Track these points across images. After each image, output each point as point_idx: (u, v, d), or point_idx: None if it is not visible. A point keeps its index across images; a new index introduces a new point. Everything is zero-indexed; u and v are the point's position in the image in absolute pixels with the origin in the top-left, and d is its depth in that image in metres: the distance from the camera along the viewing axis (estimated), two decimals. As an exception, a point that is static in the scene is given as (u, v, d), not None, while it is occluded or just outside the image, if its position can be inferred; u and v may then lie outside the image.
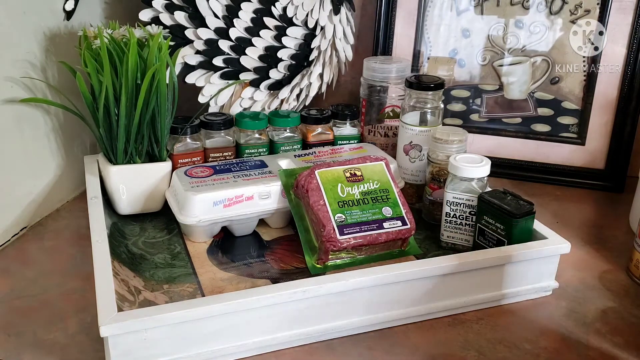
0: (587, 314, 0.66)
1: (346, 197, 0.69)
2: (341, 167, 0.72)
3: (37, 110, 0.80)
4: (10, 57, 0.76)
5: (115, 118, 0.76)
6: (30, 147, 0.80)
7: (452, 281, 0.64)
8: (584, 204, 0.92)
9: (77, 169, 0.88)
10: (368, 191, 0.71)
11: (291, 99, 0.96)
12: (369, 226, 0.68)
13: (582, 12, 0.93)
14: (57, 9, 0.84)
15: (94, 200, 0.74)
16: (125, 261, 0.68)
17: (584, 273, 0.73)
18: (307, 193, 0.69)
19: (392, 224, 0.69)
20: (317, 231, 0.68)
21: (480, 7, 0.97)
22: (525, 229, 0.68)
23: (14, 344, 0.59)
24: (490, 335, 0.62)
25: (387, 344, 0.61)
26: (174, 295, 0.64)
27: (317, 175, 0.70)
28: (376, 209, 0.69)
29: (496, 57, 0.98)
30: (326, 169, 0.71)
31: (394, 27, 1.00)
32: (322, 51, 0.93)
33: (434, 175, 0.78)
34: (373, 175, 0.72)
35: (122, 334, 0.52)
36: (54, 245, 0.77)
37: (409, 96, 0.83)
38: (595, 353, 0.60)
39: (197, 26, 0.90)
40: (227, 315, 0.56)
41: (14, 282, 0.69)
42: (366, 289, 0.60)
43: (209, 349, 0.57)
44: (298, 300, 0.58)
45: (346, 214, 0.68)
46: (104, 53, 0.72)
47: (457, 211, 0.73)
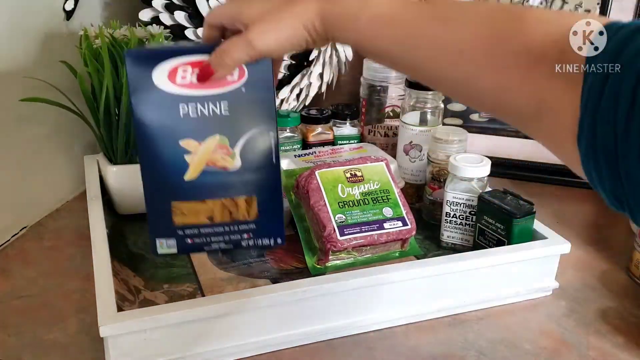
0: (587, 314, 0.66)
1: (346, 197, 0.69)
2: (341, 167, 0.72)
3: (37, 110, 0.80)
4: (11, 57, 0.76)
5: (116, 118, 0.76)
6: (30, 147, 0.80)
7: (452, 281, 0.64)
8: (584, 204, 0.92)
9: (77, 169, 0.88)
10: (368, 192, 0.71)
11: (291, 99, 0.96)
12: (370, 226, 0.68)
13: (582, 12, 0.93)
14: (57, 9, 0.84)
15: (94, 200, 0.74)
16: (125, 261, 0.68)
17: (584, 273, 0.73)
18: (307, 194, 0.69)
19: (392, 225, 0.69)
20: (318, 232, 0.68)
21: (480, 7, 0.97)
22: (525, 229, 0.68)
23: (14, 344, 0.59)
24: (490, 335, 0.62)
25: (387, 344, 0.61)
26: (173, 295, 0.64)
27: (318, 175, 0.70)
28: (376, 209, 0.69)
29: (496, 57, 0.98)
30: (326, 169, 0.71)
31: (394, 27, 1.00)
32: (322, 51, 0.93)
33: (434, 175, 0.78)
34: (373, 175, 0.72)
35: (122, 334, 0.52)
36: (54, 245, 0.77)
37: (409, 96, 0.83)
38: (595, 353, 0.60)
39: (197, 26, 0.90)
40: (227, 315, 0.56)
41: (14, 282, 0.69)
42: (366, 289, 0.60)
43: (209, 349, 0.57)
44: (298, 300, 0.58)
45: (346, 214, 0.68)
46: (105, 53, 0.72)
47: (457, 211, 0.73)
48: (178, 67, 0.53)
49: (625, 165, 0.32)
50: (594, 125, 0.33)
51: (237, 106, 0.54)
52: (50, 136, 0.84)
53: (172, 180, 0.56)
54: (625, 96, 0.31)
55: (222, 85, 0.53)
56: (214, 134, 0.55)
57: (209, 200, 0.57)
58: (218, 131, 0.54)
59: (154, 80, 0.53)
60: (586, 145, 0.34)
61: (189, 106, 0.53)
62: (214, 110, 0.54)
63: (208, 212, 0.57)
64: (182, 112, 0.54)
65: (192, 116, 0.54)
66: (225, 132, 0.55)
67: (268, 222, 0.58)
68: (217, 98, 0.54)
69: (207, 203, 0.57)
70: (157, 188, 0.56)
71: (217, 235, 0.58)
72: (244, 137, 0.55)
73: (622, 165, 0.32)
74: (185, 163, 0.55)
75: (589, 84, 0.34)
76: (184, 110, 0.54)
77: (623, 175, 0.32)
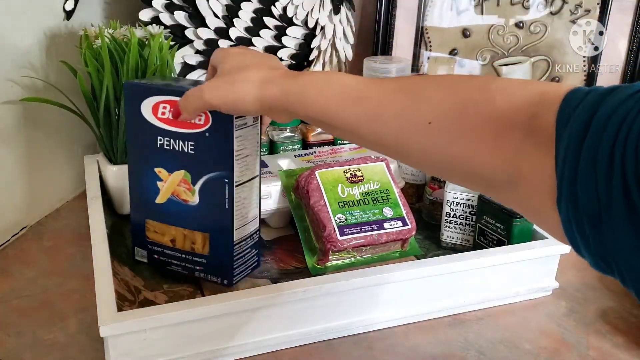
0: (587, 314, 0.66)
1: (346, 197, 0.69)
2: (341, 167, 0.72)
3: (37, 110, 0.80)
4: (11, 57, 0.76)
5: (116, 118, 0.76)
6: (30, 146, 0.80)
7: (452, 281, 0.64)
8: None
9: (77, 169, 0.88)
10: (368, 192, 0.71)
11: (291, 99, 0.96)
12: (370, 226, 0.68)
13: (582, 12, 0.93)
14: (57, 8, 0.84)
15: (94, 200, 0.74)
16: (125, 261, 0.68)
17: (584, 273, 0.73)
18: (307, 193, 0.69)
19: (392, 225, 0.69)
20: (318, 232, 0.68)
21: (480, 6, 0.97)
22: (525, 229, 0.68)
23: (14, 344, 0.59)
24: (490, 335, 0.62)
25: (387, 344, 0.61)
26: (174, 295, 0.64)
27: (318, 175, 0.70)
28: (377, 209, 0.69)
29: (496, 57, 0.98)
30: (326, 169, 0.71)
31: (394, 27, 1.00)
32: (322, 51, 0.93)
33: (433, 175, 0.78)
34: (373, 175, 0.72)
35: (122, 334, 0.52)
36: (54, 245, 0.77)
37: (409, 96, 0.83)
38: (595, 353, 0.60)
39: (197, 26, 0.90)
40: (227, 315, 0.56)
41: (14, 282, 0.69)
42: (366, 289, 0.60)
43: (209, 349, 0.57)
44: (298, 300, 0.58)
45: (346, 214, 0.68)
46: (105, 53, 0.72)
47: (457, 211, 0.73)
48: (160, 103, 0.59)
49: (611, 229, 0.31)
50: (574, 189, 0.33)
51: (200, 148, 0.59)
52: (50, 136, 0.84)
53: (147, 200, 0.63)
54: (602, 160, 0.31)
55: (191, 127, 0.59)
56: (180, 169, 0.61)
57: (172, 227, 0.64)
58: (183, 167, 0.61)
59: (142, 110, 0.60)
60: (566, 209, 0.33)
61: (165, 139, 0.60)
62: (182, 147, 0.60)
63: (171, 236, 0.64)
64: (159, 142, 0.61)
65: (166, 148, 0.60)
66: (189, 168, 0.61)
67: (217, 261, 0.63)
68: (185, 137, 0.59)
69: (171, 228, 0.64)
70: (138, 204, 0.66)
71: (176, 259, 0.66)
72: (203, 178, 0.60)
73: (606, 229, 0.31)
74: (157, 188, 0.62)
75: (564, 148, 0.33)
76: (160, 141, 0.60)
77: (609, 239, 0.31)
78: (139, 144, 0.62)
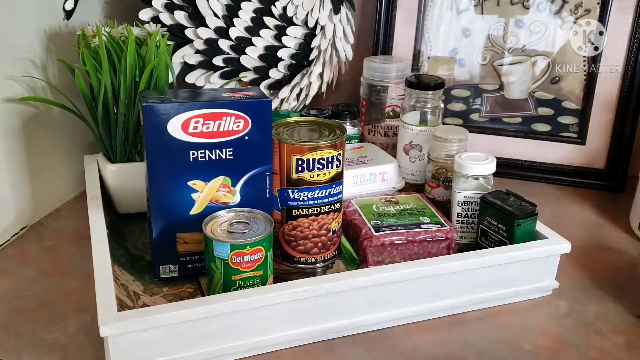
0: (587, 314, 0.66)
1: (381, 212, 0.72)
2: (376, 197, 0.76)
3: (36, 109, 0.80)
4: (11, 56, 0.76)
5: (114, 116, 0.76)
6: (30, 146, 0.80)
7: (452, 281, 0.64)
8: (584, 204, 0.92)
9: (77, 169, 0.88)
10: (404, 209, 0.73)
11: (291, 99, 0.96)
12: (406, 227, 0.69)
13: (582, 11, 0.93)
14: (57, 8, 0.84)
15: (94, 200, 0.74)
16: (124, 264, 0.68)
17: (584, 273, 0.73)
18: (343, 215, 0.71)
19: (430, 226, 0.69)
20: (356, 239, 0.69)
21: (480, 6, 0.97)
22: (527, 231, 0.67)
23: (14, 344, 0.59)
24: (490, 335, 0.62)
25: (387, 344, 0.61)
26: (173, 298, 0.64)
27: (353, 202, 0.74)
28: (413, 219, 0.70)
29: (496, 57, 0.98)
30: (361, 198, 0.76)
31: (394, 27, 1.00)
32: (322, 51, 0.93)
33: (433, 174, 0.78)
34: (408, 200, 0.75)
35: (122, 334, 0.52)
36: (54, 245, 0.77)
37: (409, 96, 0.83)
38: (595, 353, 0.60)
39: (197, 25, 0.90)
40: (227, 315, 0.56)
41: (14, 282, 0.69)
42: (366, 289, 0.60)
43: (209, 349, 0.57)
44: (298, 300, 0.58)
45: (382, 219, 0.70)
46: (102, 51, 0.72)
47: (469, 210, 0.72)
48: (191, 119, 0.60)
49: None
50: None
51: (240, 151, 0.62)
52: (50, 136, 0.84)
53: (179, 215, 0.64)
54: None
55: (228, 135, 0.62)
56: (218, 175, 0.63)
57: None
58: (222, 173, 0.63)
59: (168, 129, 0.60)
60: None
61: (199, 152, 0.62)
62: (219, 155, 0.62)
63: None
64: (192, 157, 0.62)
65: (200, 160, 0.62)
66: (228, 173, 0.63)
67: None
68: (222, 145, 0.62)
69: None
70: (165, 222, 0.64)
71: None
72: (244, 177, 0.63)
73: None
74: (192, 200, 0.63)
75: None
76: (194, 155, 0.62)
77: None
78: (165, 162, 0.61)
